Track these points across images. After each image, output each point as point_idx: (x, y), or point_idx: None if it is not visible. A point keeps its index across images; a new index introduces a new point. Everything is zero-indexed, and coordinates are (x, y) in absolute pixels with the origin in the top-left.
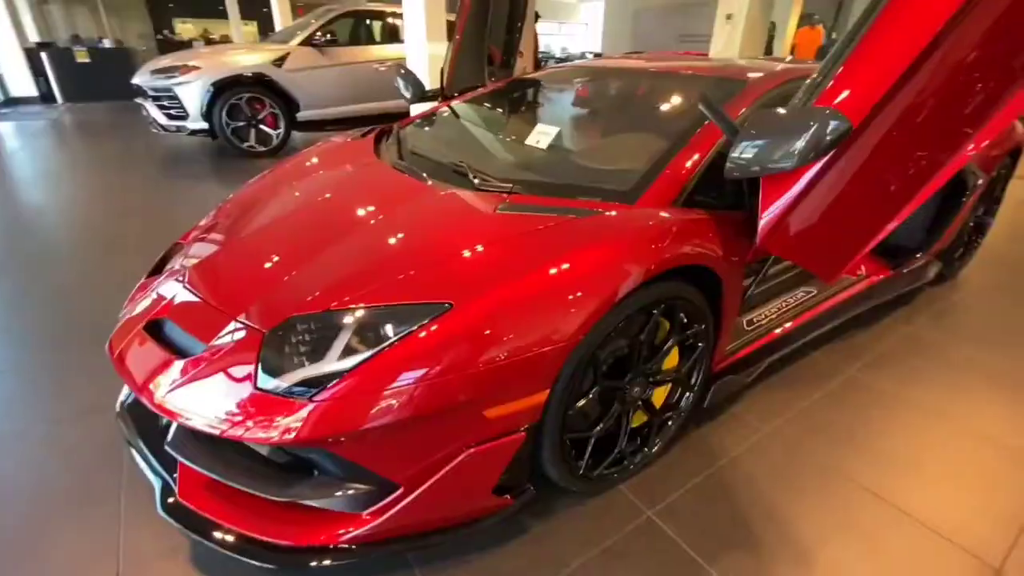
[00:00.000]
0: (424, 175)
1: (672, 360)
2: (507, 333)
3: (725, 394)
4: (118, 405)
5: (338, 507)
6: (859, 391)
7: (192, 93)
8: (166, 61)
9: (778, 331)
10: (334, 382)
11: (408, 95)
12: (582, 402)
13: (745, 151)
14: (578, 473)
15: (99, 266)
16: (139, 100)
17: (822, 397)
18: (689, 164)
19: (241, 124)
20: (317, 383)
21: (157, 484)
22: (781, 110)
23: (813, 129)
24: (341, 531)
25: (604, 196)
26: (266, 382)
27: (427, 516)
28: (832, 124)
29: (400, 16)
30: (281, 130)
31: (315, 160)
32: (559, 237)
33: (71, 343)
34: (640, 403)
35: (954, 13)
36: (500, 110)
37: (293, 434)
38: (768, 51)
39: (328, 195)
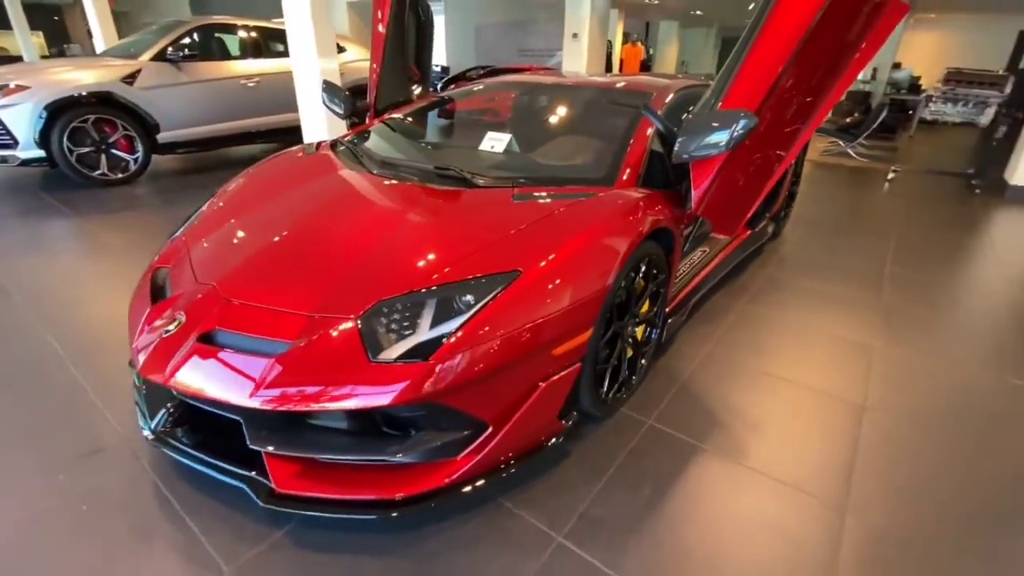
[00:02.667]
0: (415, 180)
1: (645, 307)
2: (565, 285)
3: (673, 331)
4: (148, 433)
5: (432, 459)
6: (751, 318)
7: (20, 117)
8: None
9: (693, 281)
10: (444, 342)
11: (340, 111)
12: (605, 338)
13: (684, 144)
14: (601, 398)
15: None
16: None
17: (729, 327)
18: (638, 155)
19: (88, 150)
20: (421, 350)
21: (244, 486)
22: (705, 113)
23: (732, 126)
24: (446, 476)
25: (588, 183)
26: (378, 356)
27: (508, 448)
28: (744, 121)
29: (258, 30)
30: (139, 154)
31: (283, 174)
32: (579, 213)
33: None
34: (630, 340)
35: (799, 41)
36: (450, 122)
37: (421, 390)
38: (608, 65)
39: (337, 201)
